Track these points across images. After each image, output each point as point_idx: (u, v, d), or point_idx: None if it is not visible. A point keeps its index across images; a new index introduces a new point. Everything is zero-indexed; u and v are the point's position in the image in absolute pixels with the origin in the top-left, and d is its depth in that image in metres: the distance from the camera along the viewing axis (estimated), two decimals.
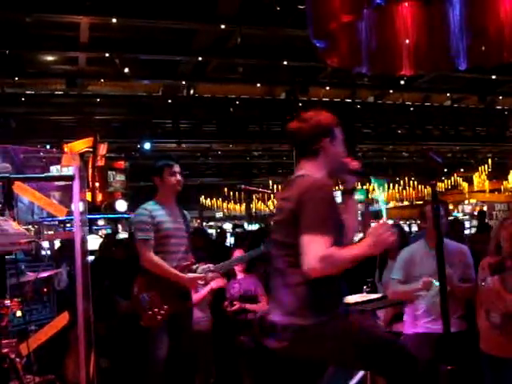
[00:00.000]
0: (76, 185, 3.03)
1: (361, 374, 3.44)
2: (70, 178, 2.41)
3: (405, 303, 4.33)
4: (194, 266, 4.25)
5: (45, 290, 4.42)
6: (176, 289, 4.06)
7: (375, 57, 6.06)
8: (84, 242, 3.62)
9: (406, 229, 11.93)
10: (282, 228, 2.77)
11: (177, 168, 4.35)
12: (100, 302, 5.23)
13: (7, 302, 2.61)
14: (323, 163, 2.87)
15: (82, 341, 3.26)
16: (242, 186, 15.41)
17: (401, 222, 18.71)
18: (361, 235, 5.09)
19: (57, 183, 4.50)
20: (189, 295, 4.32)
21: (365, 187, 20.89)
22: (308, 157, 2.90)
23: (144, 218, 4.13)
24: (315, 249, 2.53)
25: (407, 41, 6.14)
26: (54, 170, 10.83)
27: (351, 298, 4.13)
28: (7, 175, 2.68)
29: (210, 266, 4.37)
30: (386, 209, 3.03)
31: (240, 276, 5.59)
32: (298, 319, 2.64)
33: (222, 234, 13.54)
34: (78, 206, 3.16)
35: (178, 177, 4.33)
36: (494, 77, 19.57)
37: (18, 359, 2.65)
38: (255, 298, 5.43)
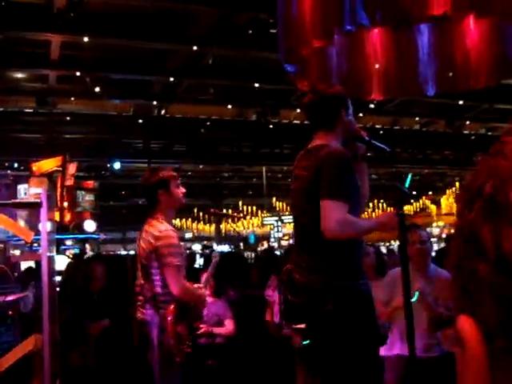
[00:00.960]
0: (43, 209, 2.99)
1: None
2: (37, 204, 2.36)
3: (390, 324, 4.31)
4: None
5: (10, 312, 4.32)
6: (198, 313, 3.90)
7: (345, 81, 6.12)
8: (51, 263, 3.56)
9: (384, 250, 12.12)
10: (299, 195, 3.00)
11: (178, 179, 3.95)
12: (68, 329, 5.14)
13: None
14: (338, 133, 3.03)
15: (46, 366, 3.19)
16: (212, 210, 15.31)
17: (381, 244, 18.92)
18: None
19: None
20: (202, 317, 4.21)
21: None
22: (324, 128, 3.04)
23: (176, 241, 3.68)
24: (334, 213, 2.73)
25: (377, 66, 6.23)
26: (22, 189, 10.69)
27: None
28: None
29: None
30: None
31: (209, 300, 5.51)
32: (324, 278, 2.80)
33: (191, 256, 13.09)
34: (45, 230, 3.10)
35: (183, 188, 3.91)
36: (461, 102, 19.97)
37: None
38: (222, 322, 5.38)
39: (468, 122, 24.09)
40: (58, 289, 6.25)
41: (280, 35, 5.71)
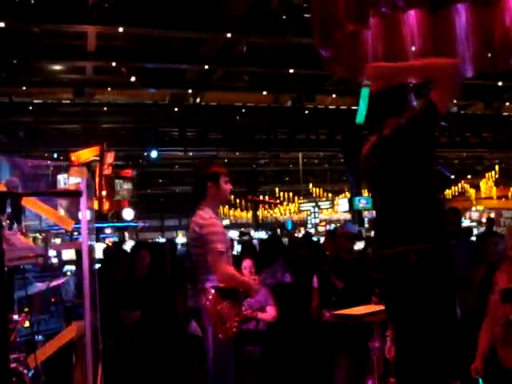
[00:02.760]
0: (83, 198, 3.04)
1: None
2: (78, 194, 2.40)
3: None
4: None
5: (52, 300, 4.41)
6: (241, 299, 3.99)
7: None
8: (91, 251, 3.62)
9: None
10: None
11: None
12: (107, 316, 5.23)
13: (15, 316, 2.60)
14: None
15: (89, 352, 3.25)
16: (249, 197, 15.35)
17: None
18: None
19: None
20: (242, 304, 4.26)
21: None
22: (393, 116, 3.07)
23: (220, 228, 3.87)
24: None
25: (413, 48, 6.13)
26: (61, 179, 10.86)
27: (359, 310, 4.08)
28: (14, 192, 2.68)
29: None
30: None
31: None
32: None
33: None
34: (85, 219, 3.15)
35: (230, 185, 4.07)
36: (500, 83, 19.53)
37: (25, 371, 2.64)
38: (264, 309, 5.40)
39: (507, 104, 23.55)
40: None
41: (314, 19, 5.65)
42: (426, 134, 2.97)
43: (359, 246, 10.47)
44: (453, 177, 26.74)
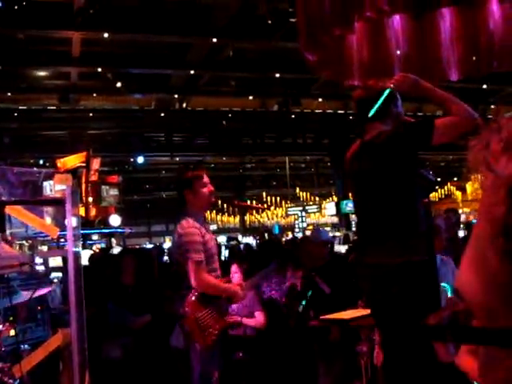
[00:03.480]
0: (68, 205, 3.01)
1: None
2: (60, 202, 2.38)
3: None
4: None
5: (38, 308, 4.36)
6: (223, 305, 3.98)
7: (367, 69, 6.06)
8: (77, 258, 3.59)
9: None
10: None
11: (206, 178, 4.06)
12: (108, 320, 5.19)
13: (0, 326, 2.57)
14: (389, 124, 3.18)
15: (75, 360, 3.22)
16: (235, 202, 15.31)
17: None
18: None
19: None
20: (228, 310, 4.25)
21: None
22: (377, 121, 3.18)
23: (197, 237, 3.81)
24: None
25: (398, 52, 6.15)
26: (47, 186, 10.79)
27: (345, 314, 4.07)
28: None
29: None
30: None
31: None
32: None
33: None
34: (70, 226, 3.13)
35: (211, 187, 4.04)
36: (485, 86, 19.68)
37: (11, 381, 2.61)
38: (253, 315, 5.37)
39: (493, 107, 23.72)
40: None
41: (299, 24, 5.66)
42: (407, 154, 3.04)
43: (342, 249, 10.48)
44: (439, 179, 26.88)
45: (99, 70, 16.58)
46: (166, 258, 11.54)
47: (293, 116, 21.46)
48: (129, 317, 5.34)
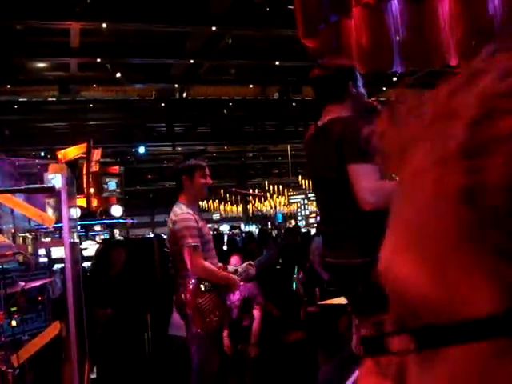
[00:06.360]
0: (63, 194, 3.00)
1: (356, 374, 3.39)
2: (50, 189, 2.37)
3: None
4: (231, 268, 4.19)
5: (39, 298, 4.37)
6: (222, 293, 3.98)
7: (366, 55, 6.03)
8: (75, 248, 3.59)
9: None
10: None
11: (208, 171, 4.10)
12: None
13: None
14: (348, 105, 2.99)
15: (74, 349, 3.23)
16: (233, 189, 15.27)
17: None
18: None
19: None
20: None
21: None
22: (334, 101, 3.01)
23: (192, 223, 3.82)
24: (365, 180, 2.60)
25: (397, 38, 6.11)
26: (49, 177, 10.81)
27: (338, 300, 4.05)
28: None
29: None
30: None
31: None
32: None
33: (219, 237, 12.77)
34: (66, 216, 3.12)
35: (209, 180, 4.09)
36: None
37: (10, 370, 2.62)
38: (254, 306, 5.34)
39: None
40: (88, 274, 6.34)
41: (297, 11, 5.62)
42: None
43: None
44: None
45: (98, 60, 16.53)
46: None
47: (294, 104, 21.40)
48: (95, 309, 5.34)
